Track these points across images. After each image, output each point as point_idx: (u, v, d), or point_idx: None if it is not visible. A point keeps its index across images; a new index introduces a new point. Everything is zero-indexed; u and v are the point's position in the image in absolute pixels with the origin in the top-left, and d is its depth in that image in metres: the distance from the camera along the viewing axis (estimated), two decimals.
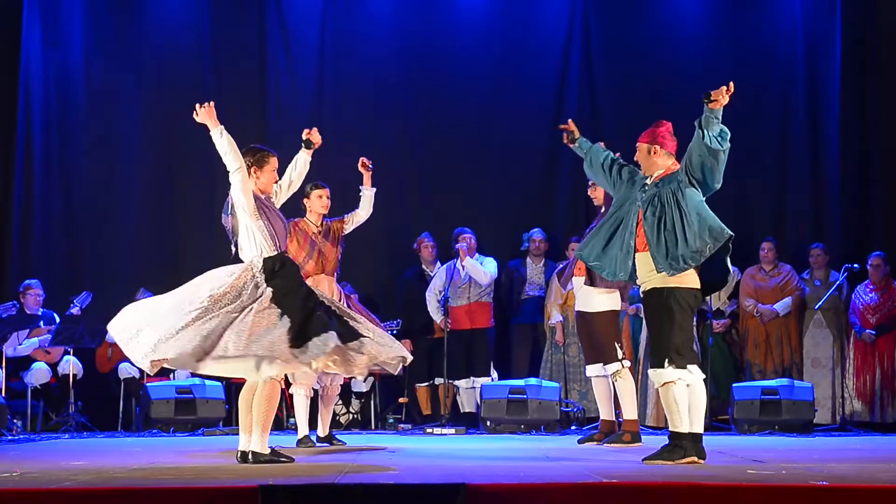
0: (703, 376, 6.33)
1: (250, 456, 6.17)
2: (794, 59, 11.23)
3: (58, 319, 9.91)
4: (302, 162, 7.11)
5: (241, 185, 6.25)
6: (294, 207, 8.01)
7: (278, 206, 6.61)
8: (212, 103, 6.36)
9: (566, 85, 11.25)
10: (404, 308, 10.41)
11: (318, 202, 8.19)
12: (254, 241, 6.23)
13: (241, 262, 6.25)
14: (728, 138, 6.30)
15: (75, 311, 9.93)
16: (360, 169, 8.26)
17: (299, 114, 11.25)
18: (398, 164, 11.03)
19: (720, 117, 6.33)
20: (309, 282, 7.36)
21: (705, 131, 6.26)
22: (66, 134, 11.02)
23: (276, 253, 6.22)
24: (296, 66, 11.27)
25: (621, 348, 7.93)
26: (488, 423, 9.48)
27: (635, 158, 6.61)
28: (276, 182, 6.65)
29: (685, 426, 6.19)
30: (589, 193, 8.19)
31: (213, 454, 7.03)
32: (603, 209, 7.92)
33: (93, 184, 10.98)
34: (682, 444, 6.18)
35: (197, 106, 6.34)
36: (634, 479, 4.96)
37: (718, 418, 10.05)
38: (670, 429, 6.26)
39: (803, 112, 11.18)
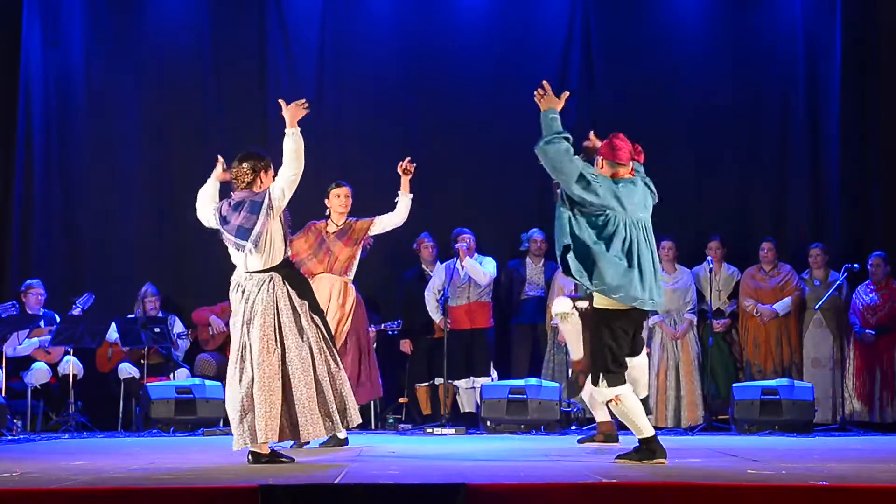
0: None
1: (249, 456, 6.18)
2: (794, 59, 11.23)
3: (58, 319, 9.91)
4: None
5: (291, 190, 6.36)
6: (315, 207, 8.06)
7: None
8: (305, 105, 6.61)
9: (566, 85, 11.22)
10: (404, 308, 10.40)
11: (336, 201, 8.13)
12: (274, 247, 6.34)
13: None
14: (541, 144, 6.71)
15: (77, 311, 9.93)
16: (400, 172, 8.12)
17: None
18: (398, 164, 11.02)
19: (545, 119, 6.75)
20: (312, 282, 7.39)
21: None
22: (66, 134, 11.01)
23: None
24: (296, 66, 11.27)
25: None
26: (488, 423, 9.48)
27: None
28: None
29: (648, 431, 6.25)
30: None
31: (213, 454, 7.03)
32: None
33: (93, 184, 10.98)
34: (651, 447, 6.22)
35: (281, 101, 6.49)
36: (634, 479, 4.97)
37: (718, 418, 10.05)
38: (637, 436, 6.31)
39: (803, 112, 11.18)
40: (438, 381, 10.01)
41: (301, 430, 6.22)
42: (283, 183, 6.38)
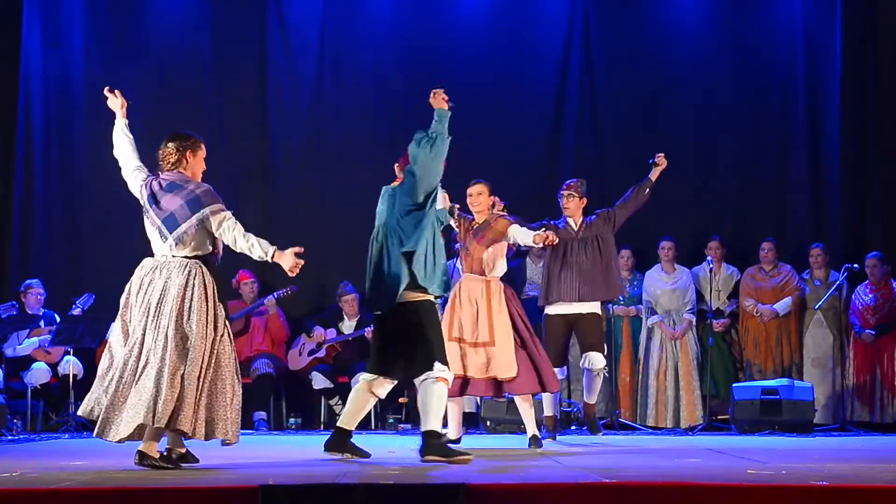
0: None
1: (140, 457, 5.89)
2: (794, 59, 11.23)
3: (58, 319, 9.91)
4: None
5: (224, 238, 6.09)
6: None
7: None
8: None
9: (566, 85, 11.25)
10: None
11: (468, 200, 7.83)
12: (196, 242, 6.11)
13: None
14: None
15: (77, 311, 9.93)
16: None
17: (299, 114, 11.26)
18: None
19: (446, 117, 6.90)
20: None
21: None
22: (66, 134, 11.01)
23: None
24: (296, 66, 11.27)
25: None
26: (488, 423, 9.48)
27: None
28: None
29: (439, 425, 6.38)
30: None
31: (213, 454, 7.02)
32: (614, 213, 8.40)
33: (93, 184, 10.97)
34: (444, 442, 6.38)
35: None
36: (634, 479, 4.96)
37: (718, 418, 10.05)
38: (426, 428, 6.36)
39: (803, 112, 11.18)
40: None
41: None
42: (228, 235, 6.04)
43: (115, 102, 6.67)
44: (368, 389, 6.59)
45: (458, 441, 7.51)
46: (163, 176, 6.30)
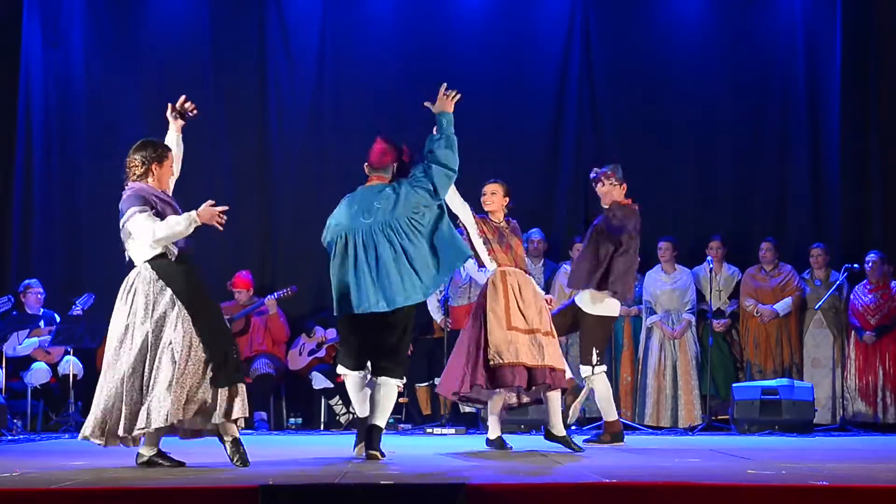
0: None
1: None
2: (794, 59, 11.23)
3: (58, 319, 9.91)
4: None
5: (137, 234, 6.09)
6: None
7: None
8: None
9: (566, 84, 11.25)
10: None
11: (482, 199, 7.81)
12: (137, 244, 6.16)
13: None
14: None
15: (77, 311, 9.93)
16: None
17: (299, 114, 11.26)
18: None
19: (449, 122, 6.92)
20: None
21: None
22: (66, 134, 11.01)
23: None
24: (296, 66, 11.27)
25: (598, 354, 7.81)
26: (488, 423, 9.46)
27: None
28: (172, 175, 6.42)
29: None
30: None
31: (213, 454, 7.02)
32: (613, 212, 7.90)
33: (93, 184, 10.97)
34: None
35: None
36: (634, 479, 4.96)
37: (718, 418, 10.05)
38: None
39: (803, 112, 11.18)
40: (438, 381, 10.00)
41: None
42: (142, 233, 6.04)
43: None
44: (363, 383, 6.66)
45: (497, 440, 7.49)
46: (127, 186, 6.20)
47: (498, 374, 7.07)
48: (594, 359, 7.79)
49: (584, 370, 7.85)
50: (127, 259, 6.24)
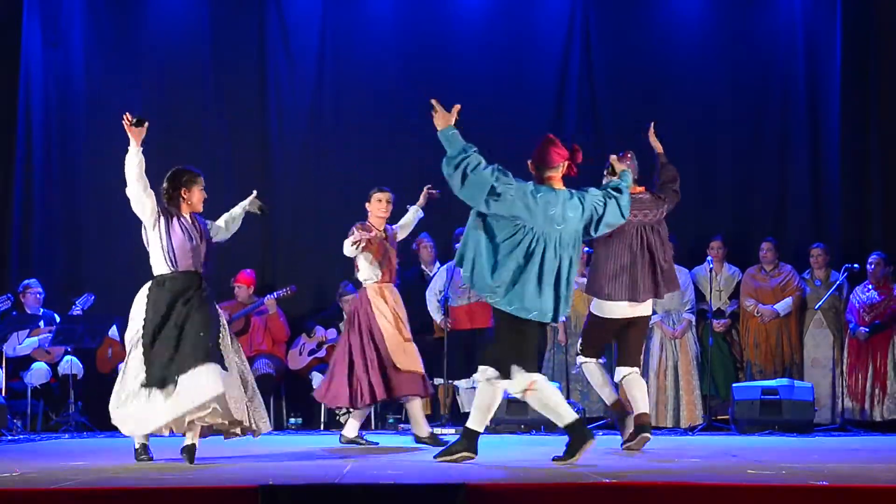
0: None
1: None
2: (794, 59, 11.23)
3: (58, 319, 9.90)
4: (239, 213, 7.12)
5: (134, 204, 6.75)
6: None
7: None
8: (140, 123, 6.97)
9: (566, 84, 11.25)
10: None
11: (377, 206, 8.06)
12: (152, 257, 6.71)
13: None
14: (451, 163, 6.50)
15: (77, 311, 9.93)
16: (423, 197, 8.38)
17: (299, 114, 11.26)
18: (397, 164, 11.04)
19: (445, 138, 6.60)
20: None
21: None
22: (66, 134, 11.02)
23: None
24: (296, 66, 11.27)
25: (581, 344, 7.65)
26: (489, 423, 9.46)
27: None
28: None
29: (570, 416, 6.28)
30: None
31: (213, 454, 7.03)
32: None
33: (93, 184, 10.97)
34: (578, 431, 6.21)
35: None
36: (634, 480, 4.97)
37: (718, 418, 10.05)
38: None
39: (803, 112, 11.18)
40: (438, 381, 10.00)
41: None
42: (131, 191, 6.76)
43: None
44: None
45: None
46: None
47: (396, 383, 7.71)
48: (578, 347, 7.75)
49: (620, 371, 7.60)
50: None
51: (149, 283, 6.54)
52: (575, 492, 4.60)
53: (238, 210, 7.02)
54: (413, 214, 8.41)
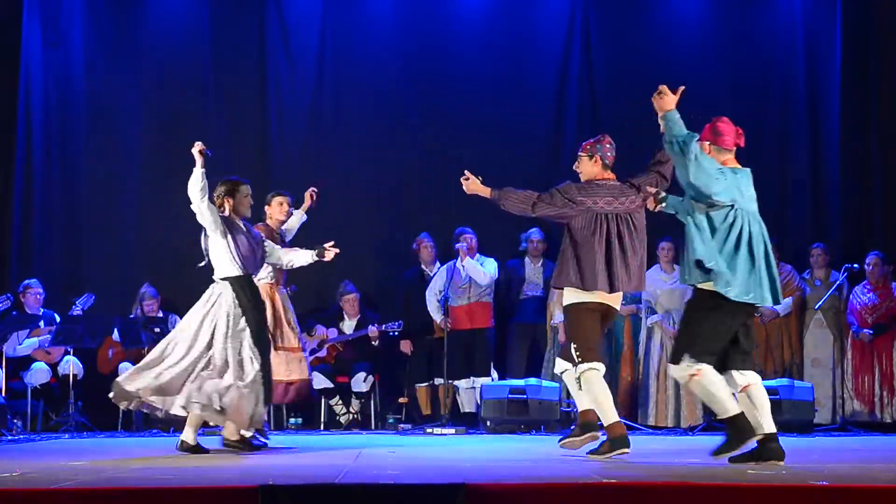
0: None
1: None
2: (794, 59, 11.23)
3: (58, 319, 9.90)
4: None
5: (199, 216, 7.23)
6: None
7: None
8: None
9: (566, 84, 11.25)
10: (404, 308, 10.40)
11: (278, 209, 8.23)
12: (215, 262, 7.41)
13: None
14: (685, 148, 6.56)
15: (77, 311, 9.93)
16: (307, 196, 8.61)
17: (299, 114, 11.26)
18: (397, 164, 11.04)
19: (672, 121, 6.58)
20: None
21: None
22: (66, 134, 11.01)
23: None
24: (296, 66, 11.27)
25: (576, 350, 6.80)
26: (488, 423, 9.48)
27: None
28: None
29: (734, 408, 6.16)
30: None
31: (214, 454, 7.03)
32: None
33: (93, 184, 10.98)
34: (740, 425, 6.15)
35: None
36: (634, 479, 4.96)
37: (718, 418, 10.02)
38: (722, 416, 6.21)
39: (803, 112, 11.18)
40: (438, 381, 10.01)
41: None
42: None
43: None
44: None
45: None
46: None
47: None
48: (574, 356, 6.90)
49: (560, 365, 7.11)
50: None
51: (223, 282, 7.20)
52: (575, 492, 4.60)
53: (300, 260, 7.77)
54: (297, 219, 8.61)
